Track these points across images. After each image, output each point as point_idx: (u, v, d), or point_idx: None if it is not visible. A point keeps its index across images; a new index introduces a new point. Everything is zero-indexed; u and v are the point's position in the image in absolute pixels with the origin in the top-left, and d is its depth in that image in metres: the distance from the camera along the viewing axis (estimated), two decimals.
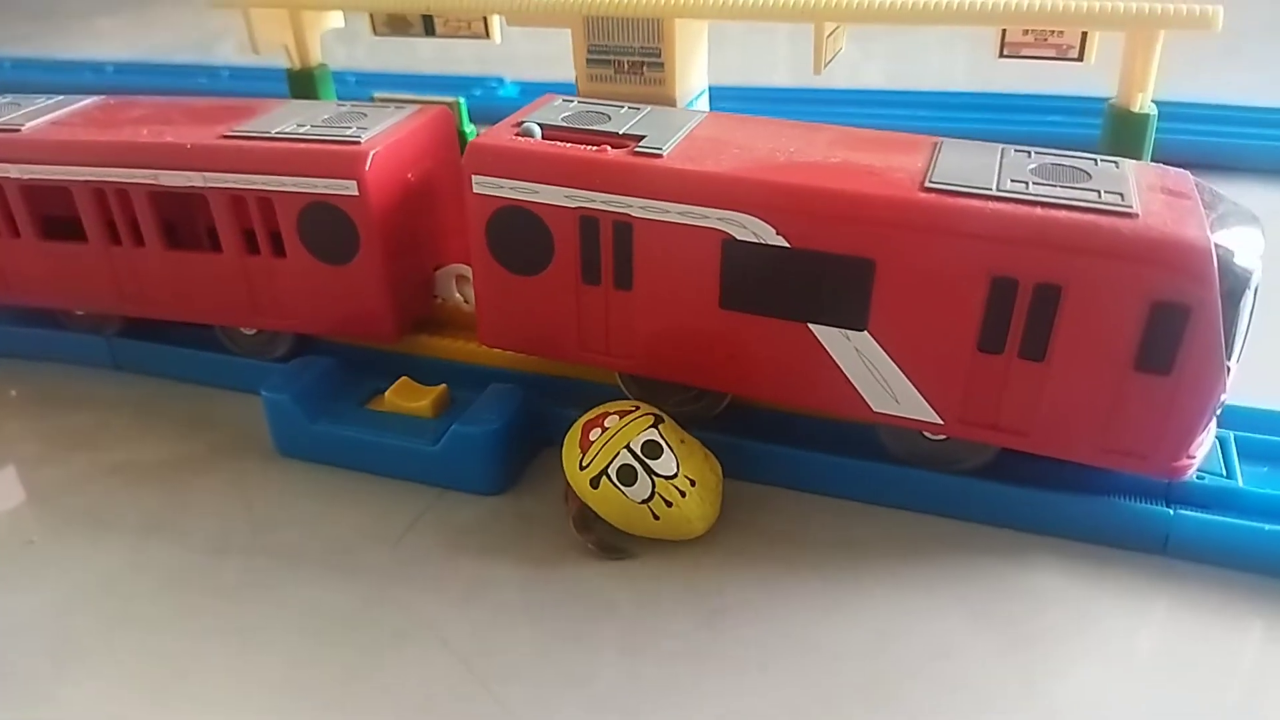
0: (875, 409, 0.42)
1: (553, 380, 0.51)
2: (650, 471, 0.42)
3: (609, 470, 0.42)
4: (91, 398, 0.57)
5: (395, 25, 0.66)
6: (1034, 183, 0.39)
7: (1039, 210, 0.37)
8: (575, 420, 0.45)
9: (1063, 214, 0.37)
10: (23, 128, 0.54)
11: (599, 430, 0.43)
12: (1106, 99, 0.51)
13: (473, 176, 0.44)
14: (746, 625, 0.39)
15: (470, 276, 0.55)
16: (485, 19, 0.62)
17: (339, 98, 0.63)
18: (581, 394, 0.50)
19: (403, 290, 0.52)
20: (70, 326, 0.60)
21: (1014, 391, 0.40)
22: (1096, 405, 0.39)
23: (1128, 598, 0.40)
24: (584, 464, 0.43)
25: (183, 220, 0.55)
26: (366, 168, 0.47)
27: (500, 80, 1.10)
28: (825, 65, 0.52)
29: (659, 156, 0.42)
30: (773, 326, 0.42)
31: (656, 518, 0.42)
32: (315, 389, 0.50)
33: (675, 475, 0.43)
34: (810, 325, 0.42)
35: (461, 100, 0.65)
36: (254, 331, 0.55)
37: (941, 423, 0.41)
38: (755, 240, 0.40)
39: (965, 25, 0.50)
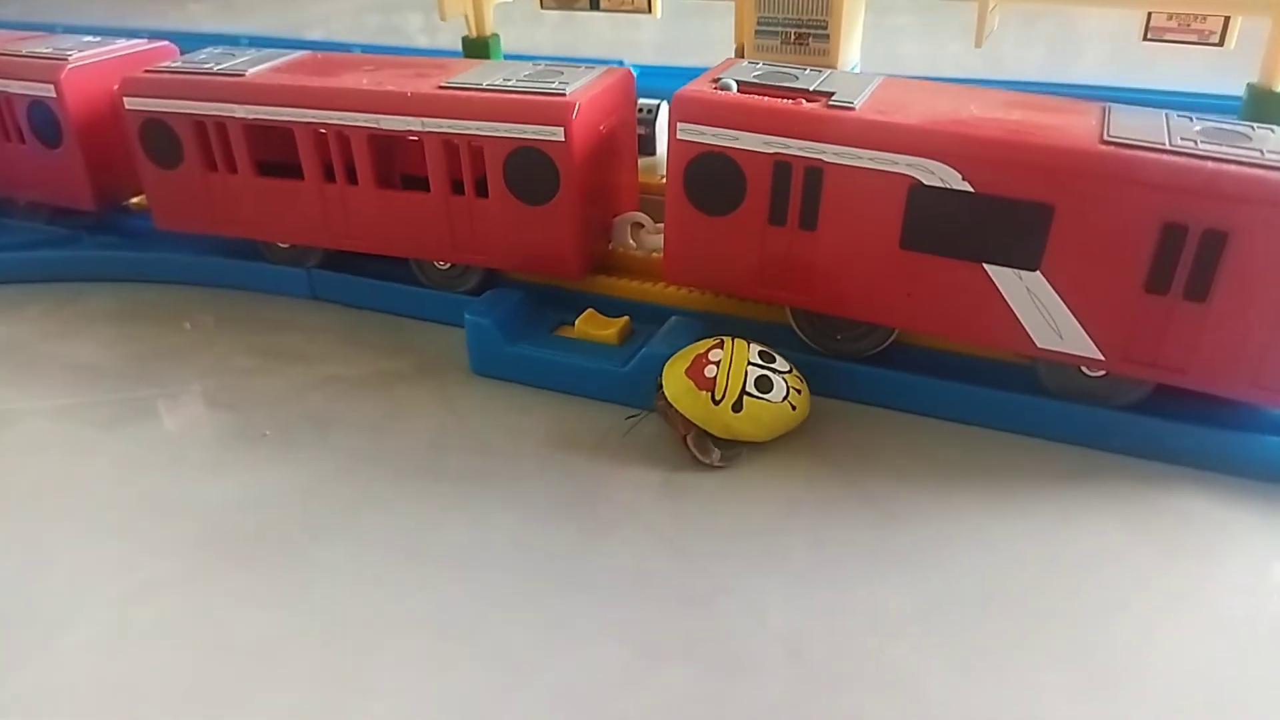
0: (1040, 345, 0.47)
1: (722, 317, 0.56)
2: (776, 373, 0.48)
3: (746, 388, 0.47)
4: (295, 322, 0.63)
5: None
6: (1202, 141, 0.43)
7: (1210, 164, 0.41)
8: (662, 382, 0.48)
9: (1232, 167, 0.41)
10: (246, 73, 0.60)
11: (712, 366, 0.47)
12: (1232, 96, 0.55)
13: (678, 124, 0.49)
14: (920, 527, 0.44)
15: (645, 224, 0.60)
16: None
17: None
18: (750, 329, 0.55)
19: (588, 232, 0.57)
20: (270, 259, 0.66)
21: (1176, 330, 0.44)
22: (1252, 344, 0.43)
23: (1268, 521, 0.44)
24: (718, 398, 0.47)
25: (381, 165, 0.61)
26: (574, 116, 0.52)
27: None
28: (985, 40, 0.57)
29: (852, 109, 0.47)
30: (948, 266, 0.47)
31: (794, 408, 0.48)
32: (512, 316, 0.55)
33: (790, 370, 0.49)
34: (985, 265, 0.46)
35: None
36: (447, 266, 0.61)
37: (1103, 359, 0.46)
38: (941, 185, 0.45)
39: (1116, 7, 0.54)
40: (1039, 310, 0.46)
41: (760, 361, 0.48)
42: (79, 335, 0.63)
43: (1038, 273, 0.45)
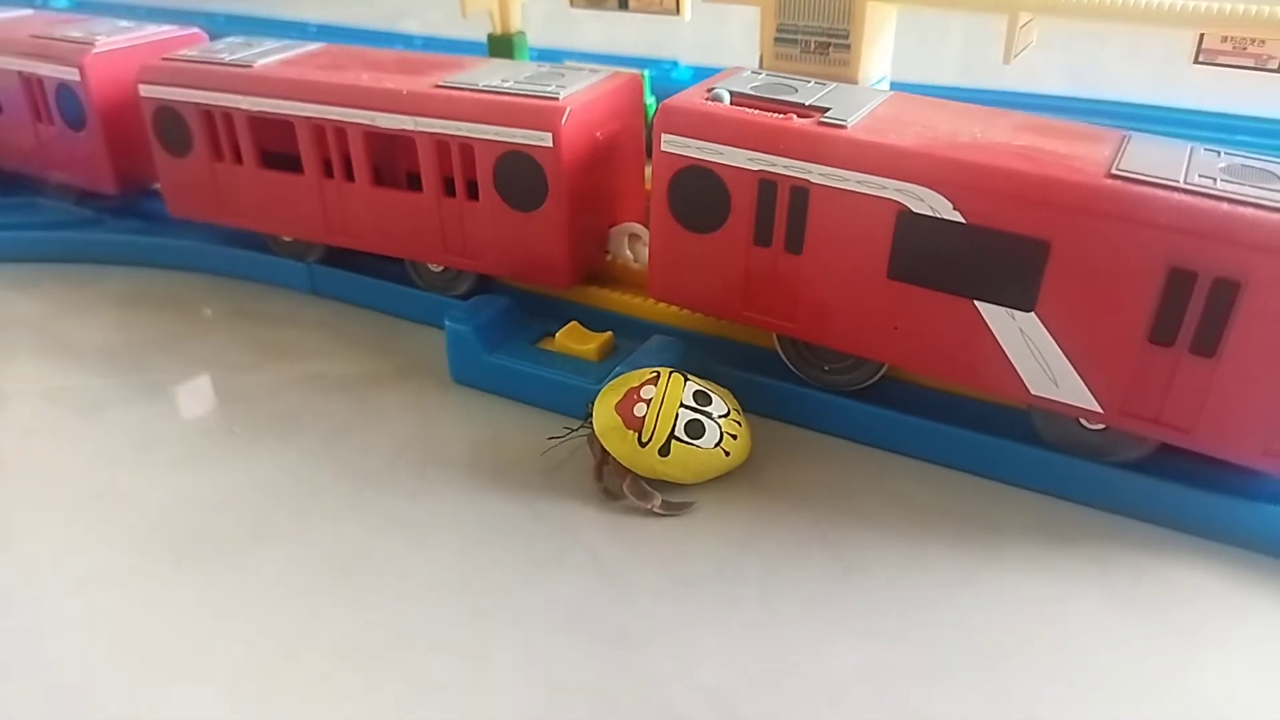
0: (1033, 391, 0.43)
1: (710, 339, 0.54)
2: (710, 417, 0.45)
3: (675, 432, 0.44)
4: (292, 317, 0.63)
5: None
6: (1222, 179, 0.39)
7: (1224, 205, 0.37)
8: (593, 411, 0.45)
9: (1248, 211, 0.37)
10: (254, 65, 0.60)
11: (642, 405, 0.44)
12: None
13: (662, 135, 0.47)
14: (881, 584, 0.41)
15: (641, 236, 0.58)
16: None
17: None
18: (736, 353, 0.52)
19: (580, 241, 0.55)
20: (275, 252, 0.66)
21: (1181, 386, 0.40)
22: (1264, 408, 0.39)
23: (1273, 601, 0.40)
24: (644, 440, 0.44)
25: (385, 163, 0.60)
26: (562, 122, 0.50)
27: (675, 63, 1.12)
28: (1015, 57, 0.53)
29: (843, 128, 0.44)
30: (938, 300, 0.43)
31: (728, 454, 0.45)
32: (493, 324, 0.54)
33: (727, 413, 0.46)
34: (976, 302, 0.43)
35: (646, 72, 0.68)
36: (440, 269, 0.60)
37: (1101, 411, 0.42)
38: (930, 214, 0.42)
39: (1164, 26, 0.50)
40: (1033, 354, 0.42)
41: (694, 404, 0.45)
42: (86, 317, 0.64)
43: (1032, 314, 0.41)
